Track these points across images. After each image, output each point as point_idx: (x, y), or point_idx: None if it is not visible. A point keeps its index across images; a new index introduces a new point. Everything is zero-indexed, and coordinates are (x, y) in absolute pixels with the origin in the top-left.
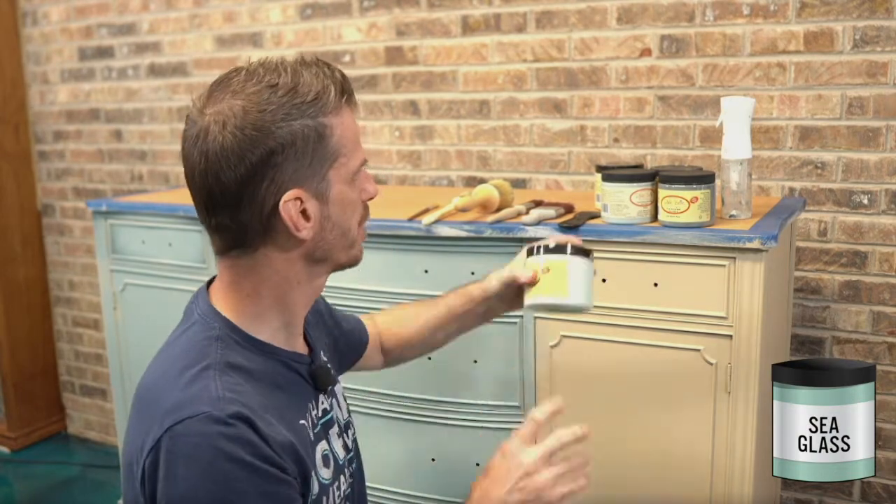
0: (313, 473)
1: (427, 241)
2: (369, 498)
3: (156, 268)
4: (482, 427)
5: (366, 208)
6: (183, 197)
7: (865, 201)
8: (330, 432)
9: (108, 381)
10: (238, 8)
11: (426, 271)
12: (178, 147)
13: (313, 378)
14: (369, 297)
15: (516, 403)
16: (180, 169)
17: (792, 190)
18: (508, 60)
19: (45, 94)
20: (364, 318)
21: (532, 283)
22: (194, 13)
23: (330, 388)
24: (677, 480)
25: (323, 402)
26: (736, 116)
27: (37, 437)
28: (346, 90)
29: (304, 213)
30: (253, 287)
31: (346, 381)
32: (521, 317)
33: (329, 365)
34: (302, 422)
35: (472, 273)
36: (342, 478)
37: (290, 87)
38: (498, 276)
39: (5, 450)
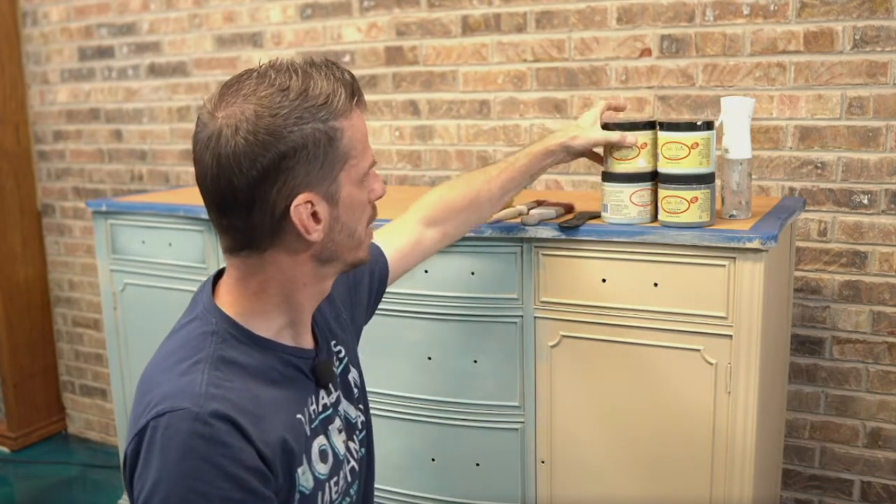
0: (307, 468)
1: None
2: None
3: (156, 268)
4: (482, 427)
5: (373, 208)
6: (183, 197)
7: (865, 201)
8: (330, 428)
9: (108, 381)
10: (238, 8)
11: (426, 271)
12: (178, 147)
13: (314, 373)
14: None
15: (516, 403)
16: (180, 169)
17: (792, 190)
18: (508, 60)
19: (45, 94)
20: (395, 223)
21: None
22: (194, 13)
23: (337, 381)
24: (677, 480)
25: (324, 398)
26: (736, 116)
27: (37, 437)
28: (355, 92)
29: (314, 215)
30: (260, 286)
31: None
32: (521, 317)
33: (342, 347)
34: (299, 416)
35: (473, 273)
36: (342, 472)
37: (301, 90)
38: (573, 140)
39: (5, 450)
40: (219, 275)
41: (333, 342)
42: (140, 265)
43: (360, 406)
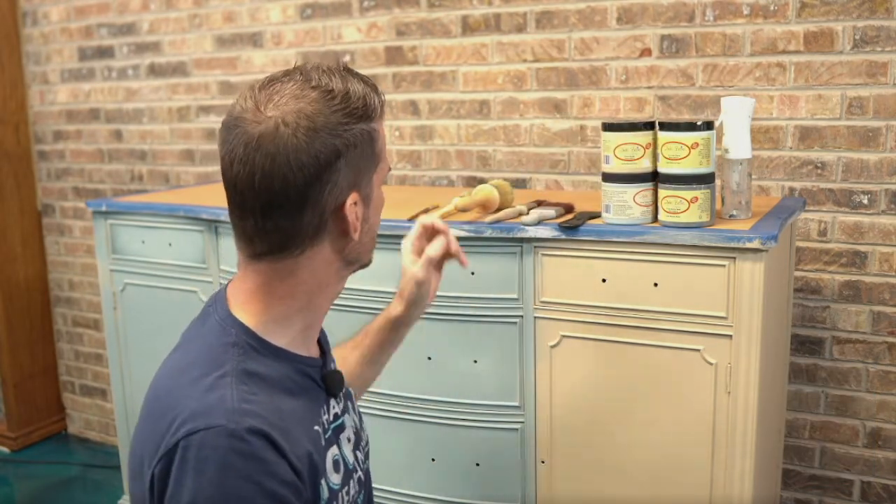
0: (323, 480)
1: None
2: None
3: (156, 268)
4: (482, 427)
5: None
6: (183, 197)
7: (865, 201)
8: (341, 437)
9: (108, 381)
10: (238, 8)
11: None
12: (178, 147)
13: (325, 382)
14: (369, 297)
15: (516, 403)
16: (180, 169)
17: (792, 190)
18: (508, 60)
19: (45, 94)
20: None
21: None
22: (194, 13)
23: (342, 392)
24: (677, 480)
25: (334, 407)
26: (736, 116)
27: (37, 437)
28: (382, 99)
29: (356, 215)
30: (288, 290)
31: None
32: (521, 317)
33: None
34: (316, 427)
35: (473, 273)
36: (351, 482)
37: (344, 93)
38: (400, 295)
39: (5, 450)
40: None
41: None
42: (140, 265)
43: (356, 411)
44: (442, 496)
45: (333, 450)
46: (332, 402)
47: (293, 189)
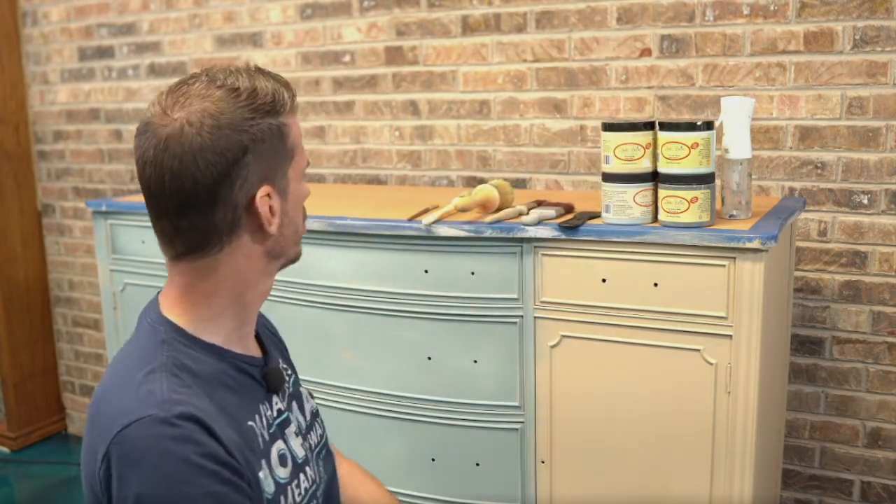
0: (268, 473)
1: (427, 241)
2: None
3: (156, 268)
4: (482, 427)
5: (304, 207)
6: None
7: (865, 201)
8: (287, 432)
9: None
10: (238, 8)
11: (426, 271)
12: None
13: (265, 380)
14: (369, 297)
15: (516, 403)
16: None
17: (792, 190)
18: (508, 60)
19: (45, 94)
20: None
21: None
22: (194, 13)
23: (288, 389)
24: (677, 480)
25: (277, 403)
26: (736, 116)
27: (37, 437)
28: (293, 94)
29: (271, 208)
30: (211, 288)
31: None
32: (521, 317)
33: (286, 367)
34: (250, 423)
35: (473, 273)
36: (302, 476)
37: (251, 90)
38: None
39: (5, 450)
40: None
41: (281, 359)
42: (140, 265)
43: (307, 406)
44: (442, 496)
45: (279, 444)
46: (275, 398)
47: (203, 187)
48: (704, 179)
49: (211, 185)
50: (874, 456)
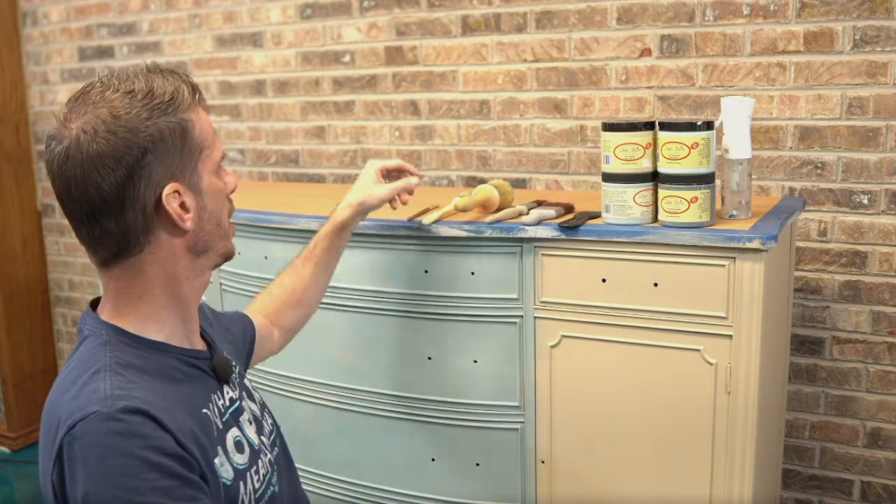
0: (225, 460)
1: (427, 241)
2: (370, 498)
3: None
4: (482, 427)
5: (230, 201)
6: None
7: (865, 201)
8: (241, 420)
9: None
10: (238, 8)
11: (426, 271)
12: None
13: (214, 371)
14: (369, 297)
15: (516, 403)
16: None
17: (792, 190)
18: (508, 60)
19: (45, 94)
20: (245, 311)
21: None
22: (194, 13)
23: (235, 379)
24: (677, 480)
25: (229, 392)
26: (736, 116)
27: (37, 437)
28: (196, 89)
29: (183, 205)
30: (144, 287)
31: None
32: (521, 317)
33: (230, 358)
34: (205, 411)
35: (473, 273)
36: (259, 462)
37: (147, 90)
38: (368, 198)
39: (5, 450)
40: (95, 302)
41: (226, 351)
42: None
43: (256, 396)
44: (442, 496)
45: (234, 431)
46: (227, 388)
47: (108, 192)
48: (704, 179)
49: (115, 190)
50: (874, 456)
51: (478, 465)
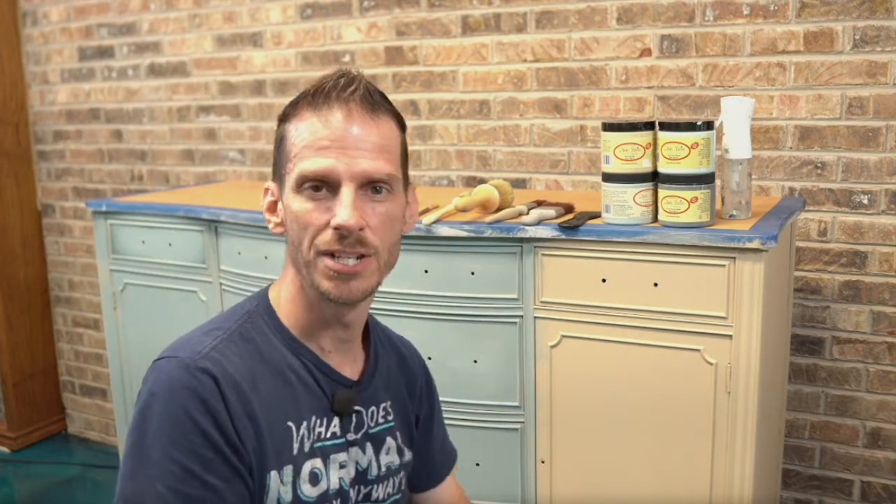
0: (289, 482)
1: (427, 241)
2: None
3: (156, 268)
4: (482, 427)
5: (323, 232)
6: (183, 197)
7: (865, 201)
8: (332, 457)
9: (108, 381)
10: (238, 8)
11: (426, 271)
12: (178, 147)
13: (333, 397)
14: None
15: (516, 403)
16: (180, 169)
17: (792, 190)
18: (508, 60)
19: (45, 94)
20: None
21: None
22: (194, 13)
23: (366, 428)
24: (677, 480)
25: (335, 426)
26: (736, 116)
27: (37, 437)
28: (296, 100)
29: (272, 204)
30: (287, 272)
31: None
32: (521, 317)
33: (388, 414)
34: (289, 423)
35: (473, 273)
36: None
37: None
38: None
39: (5, 450)
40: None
41: (388, 402)
42: (140, 265)
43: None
44: None
45: (317, 462)
46: (335, 420)
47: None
48: (704, 179)
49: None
50: (874, 456)
51: (478, 464)
